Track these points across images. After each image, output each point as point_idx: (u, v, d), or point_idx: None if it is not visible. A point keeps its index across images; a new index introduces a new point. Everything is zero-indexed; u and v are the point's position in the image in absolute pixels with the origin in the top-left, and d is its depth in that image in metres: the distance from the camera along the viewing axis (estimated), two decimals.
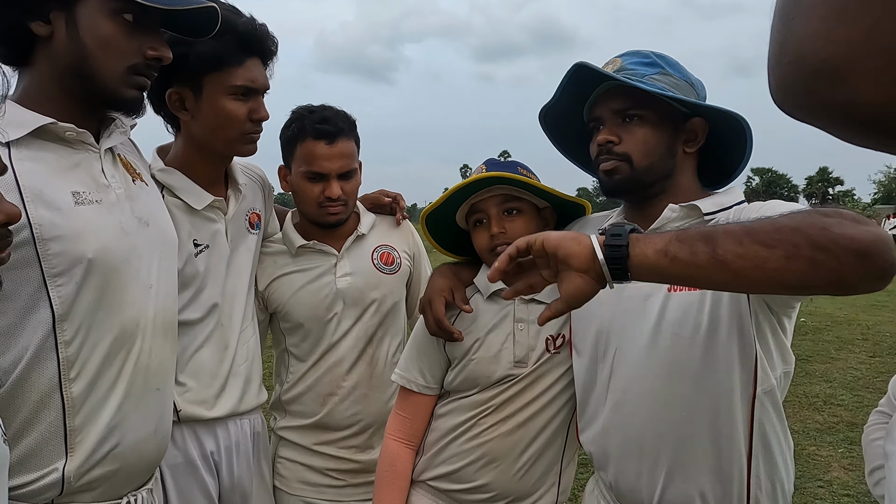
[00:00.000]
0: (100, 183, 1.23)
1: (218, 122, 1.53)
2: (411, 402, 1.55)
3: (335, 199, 1.73)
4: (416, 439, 1.55)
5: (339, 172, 1.73)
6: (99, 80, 1.20)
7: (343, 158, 1.73)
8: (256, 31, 1.55)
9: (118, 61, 1.20)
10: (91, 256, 1.15)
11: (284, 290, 1.78)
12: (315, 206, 1.75)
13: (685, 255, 0.92)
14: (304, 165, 1.73)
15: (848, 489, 3.66)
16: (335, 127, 1.72)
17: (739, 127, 1.29)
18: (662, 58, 1.34)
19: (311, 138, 1.71)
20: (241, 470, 1.65)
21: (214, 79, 1.51)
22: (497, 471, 1.44)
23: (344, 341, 1.79)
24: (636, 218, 1.37)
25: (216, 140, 1.56)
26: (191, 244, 1.55)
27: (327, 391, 1.78)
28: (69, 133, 1.19)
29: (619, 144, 1.30)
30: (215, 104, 1.52)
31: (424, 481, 1.52)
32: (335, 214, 1.76)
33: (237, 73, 1.52)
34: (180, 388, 1.53)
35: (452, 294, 1.51)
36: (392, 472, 1.53)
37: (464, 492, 1.47)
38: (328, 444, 1.81)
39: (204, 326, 1.57)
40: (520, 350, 1.44)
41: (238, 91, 1.52)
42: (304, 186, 1.74)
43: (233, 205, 1.66)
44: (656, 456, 1.24)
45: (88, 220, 1.17)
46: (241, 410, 1.64)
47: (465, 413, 1.48)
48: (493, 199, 1.46)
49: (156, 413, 1.30)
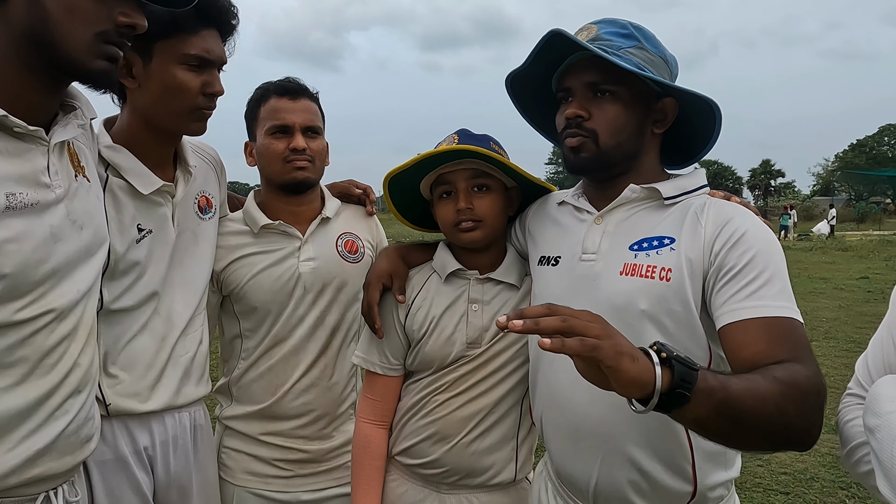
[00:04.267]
0: (40, 182, 1.10)
1: (167, 92, 1.44)
2: (378, 385, 1.54)
3: (301, 150, 1.69)
4: (387, 419, 1.55)
5: (304, 125, 1.70)
6: (62, 49, 1.06)
7: (307, 112, 1.72)
8: (218, 2, 1.47)
9: (85, 28, 1.07)
10: (9, 272, 1.04)
11: (243, 272, 1.72)
12: (280, 163, 1.70)
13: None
14: (268, 122, 1.70)
15: (785, 467, 3.83)
16: (298, 85, 1.74)
17: (709, 111, 1.25)
18: (640, 30, 1.28)
19: (274, 96, 1.72)
20: (178, 465, 1.58)
21: (167, 46, 1.42)
22: (448, 446, 1.45)
23: (300, 328, 1.74)
24: (596, 195, 1.35)
25: (164, 112, 1.47)
26: (134, 229, 1.47)
27: (279, 380, 1.74)
28: (18, 129, 1.06)
29: (588, 120, 1.25)
30: (165, 73, 1.43)
31: (393, 457, 1.55)
32: (302, 169, 1.71)
33: (192, 41, 1.43)
34: (111, 380, 1.46)
35: (392, 280, 1.50)
36: (367, 454, 1.53)
37: (422, 466, 1.49)
38: (276, 435, 1.76)
39: (139, 315, 1.49)
40: (472, 332, 1.44)
41: (191, 60, 1.44)
42: (269, 144, 1.70)
43: (181, 188, 1.57)
44: (593, 441, 1.22)
45: (16, 230, 1.04)
46: (178, 403, 1.56)
47: (422, 392, 1.49)
48: (463, 172, 1.42)
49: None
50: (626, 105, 1.25)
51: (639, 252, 1.21)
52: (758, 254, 1.11)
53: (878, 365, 0.94)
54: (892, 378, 0.86)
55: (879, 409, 0.81)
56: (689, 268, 1.16)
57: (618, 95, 1.25)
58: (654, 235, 1.22)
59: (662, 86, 1.26)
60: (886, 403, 0.81)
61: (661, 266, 1.17)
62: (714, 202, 1.23)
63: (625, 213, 1.29)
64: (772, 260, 1.11)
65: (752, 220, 1.18)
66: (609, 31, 1.26)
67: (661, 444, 1.19)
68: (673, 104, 1.28)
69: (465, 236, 1.44)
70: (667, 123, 1.30)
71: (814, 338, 7.20)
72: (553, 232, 1.40)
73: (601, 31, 1.26)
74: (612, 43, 1.23)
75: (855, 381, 0.98)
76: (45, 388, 1.13)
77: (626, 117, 1.25)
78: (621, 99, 1.25)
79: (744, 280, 1.10)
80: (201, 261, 1.65)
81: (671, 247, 1.19)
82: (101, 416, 1.44)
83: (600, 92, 1.25)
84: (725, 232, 1.15)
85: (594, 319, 0.88)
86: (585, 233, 1.31)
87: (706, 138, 1.30)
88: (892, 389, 0.83)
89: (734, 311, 1.08)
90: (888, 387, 0.84)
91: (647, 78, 1.23)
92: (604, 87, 1.24)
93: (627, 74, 1.21)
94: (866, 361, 0.98)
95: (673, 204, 1.25)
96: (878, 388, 0.85)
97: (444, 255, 1.51)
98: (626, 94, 1.25)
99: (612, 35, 1.25)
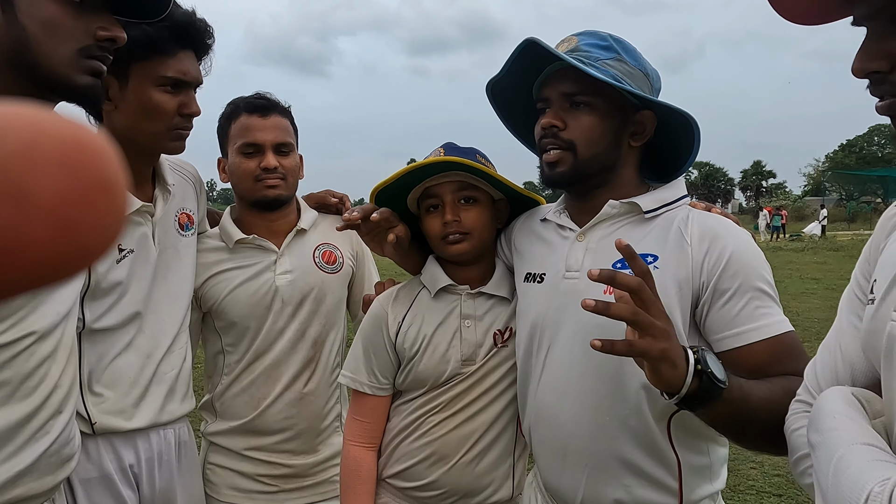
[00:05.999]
0: None
1: (143, 113, 1.44)
2: (367, 405, 1.50)
3: (272, 169, 1.69)
4: (376, 441, 1.51)
5: (274, 143, 1.70)
6: (46, 68, 1.06)
7: (277, 130, 1.71)
8: (195, 24, 1.48)
9: (66, 44, 1.07)
10: None
11: (221, 288, 1.72)
12: (252, 182, 1.70)
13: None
14: (238, 140, 1.70)
15: (778, 469, 3.82)
16: (268, 101, 1.73)
17: (688, 125, 1.25)
18: (620, 42, 1.28)
19: (244, 113, 1.71)
20: (163, 482, 1.58)
21: (143, 68, 1.42)
22: (446, 467, 1.42)
23: (280, 342, 1.73)
24: (577, 210, 1.35)
25: (141, 133, 1.47)
26: (114, 249, 1.47)
27: (261, 394, 1.73)
28: None
29: (565, 130, 1.26)
30: (142, 95, 1.43)
31: (385, 479, 1.51)
32: (273, 188, 1.71)
33: (168, 63, 1.43)
34: (95, 398, 1.46)
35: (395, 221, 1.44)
36: (357, 478, 1.48)
37: (418, 489, 1.45)
38: (259, 450, 1.76)
39: (123, 334, 1.50)
40: (466, 348, 1.42)
41: (167, 83, 1.44)
42: (241, 163, 1.71)
43: (160, 206, 1.58)
44: (579, 457, 1.23)
45: None
46: (163, 421, 1.56)
47: (415, 412, 1.45)
48: (449, 184, 1.41)
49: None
50: (603, 116, 1.25)
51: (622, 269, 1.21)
52: (749, 273, 1.15)
53: (826, 372, 0.93)
54: (836, 391, 0.84)
55: (821, 426, 0.79)
56: (675, 287, 1.17)
57: (594, 106, 1.25)
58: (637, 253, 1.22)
59: (640, 98, 1.25)
60: (828, 419, 0.79)
61: None
62: (696, 215, 1.23)
63: (606, 230, 1.29)
64: (761, 276, 1.16)
65: (736, 235, 1.19)
66: (588, 42, 1.26)
67: (647, 462, 1.19)
68: (651, 117, 1.28)
69: (452, 248, 1.42)
70: (645, 136, 1.29)
71: (806, 338, 7.20)
72: (538, 248, 1.40)
73: (581, 42, 1.26)
74: (590, 54, 1.24)
75: (804, 387, 0.97)
76: (27, 409, 1.13)
77: (601, 128, 1.25)
78: (597, 110, 1.25)
79: (741, 302, 1.14)
80: (185, 278, 1.65)
81: (654, 265, 1.19)
82: (86, 435, 1.45)
83: (576, 103, 1.25)
84: (714, 251, 1.17)
85: (659, 316, 0.95)
86: (568, 250, 1.30)
87: (689, 151, 1.31)
88: (834, 404, 0.81)
89: (739, 335, 1.14)
90: (831, 401, 0.81)
91: (622, 89, 1.23)
92: (579, 98, 1.25)
93: (604, 86, 1.21)
94: (815, 369, 0.96)
95: (654, 217, 1.26)
96: (821, 401, 0.83)
97: (434, 269, 1.49)
98: (603, 105, 1.25)
99: (591, 46, 1.25)
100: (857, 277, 0.94)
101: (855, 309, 0.92)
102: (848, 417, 0.78)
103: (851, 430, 0.76)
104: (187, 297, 1.65)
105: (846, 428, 0.76)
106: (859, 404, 0.81)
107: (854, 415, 0.78)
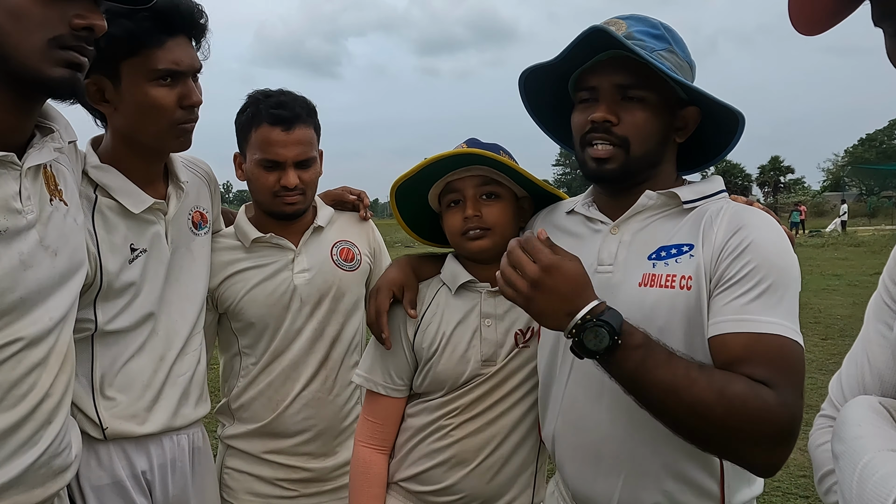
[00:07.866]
0: (11, 208, 1.05)
1: (142, 111, 1.38)
2: (380, 406, 1.47)
3: (292, 188, 1.64)
4: (388, 443, 1.48)
5: (296, 160, 1.65)
6: (15, 59, 1.00)
7: (300, 146, 1.64)
8: (179, 7, 1.38)
9: (35, 34, 1.00)
10: None
11: (238, 288, 1.69)
12: (270, 196, 1.67)
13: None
14: (258, 153, 1.64)
15: (804, 470, 3.74)
16: (292, 112, 1.63)
17: (730, 121, 1.19)
18: (670, 31, 1.20)
19: (266, 124, 1.62)
20: (177, 489, 1.54)
21: (133, 64, 1.35)
22: (466, 471, 1.38)
23: (298, 342, 1.70)
24: (608, 203, 1.29)
25: (144, 132, 1.42)
26: (127, 249, 1.44)
27: (280, 395, 1.70)
28: None
29: (618, 125, 1.17)
30: (137, 92, 1.37)
31: (397, 482, 1.47)
32: (292, 205, 1.67)
33: (158, 55, 1.35)
34: (107, 402, 1.42)
35: (403, 291, 1.45)
36: (366, 480, 1.45)
37: (433, 493, 1.41)
38: (278, 453, 1.72)
39: (136, 336, 1.46)
40: (487, 348, 1.38)
41: (161, 76, 1.37)
42: (259, 175, 1.66)
43: (174, 204, 1.54)
44: (614, 461, 1.17)
45: None
46: (176, 425, 1.52)
47: (433, 413, 1.42)
48: (472, 179, 1.38)
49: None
50: (655, 112, 1.18)
51: (657, 262, 1.16)
52: (760, 265, 1.06)
53: (853, 384, 0.87)
54: (862, 399, 0.79)
55: (845, 435, 0.74)
56: (704, 272, 1.11)
57: (647, 101, 1.17)
58: (673, 243, 1.17)
59: (689, 93, 1.18)
60: (852, 428, 0.74)
61: (682, 274, 1.12)
62: (731, 207, 1.17)
63: (641, 222, 1.23)
64: (774, 272, 1.06)
65: (767, 229, 1.11)
66: (640, 29, 1.17)
67: (688, 464, 1.13)
68: (696, 113, 1.22)
69: (472, 245, 1.38)
70: (687, 132, 1.24)
71: (829, 335, 7.08)
72: (565, 242, 1.33)
73: (631, 28, 1.17)
74: (645, 44, 1.15)
75: (828, 401, 0.91)
76: (13, 419, 1.08)
77: (653, 124, 1.18)
78: (650, 105, 1.17)
79: (737, 292, 1.06)
80: (198, 277, 1.62)
81: (690, 254, 1.13)
82: (97, 440, 1.42)
83: (629, 97, 1.17)
84: (734, 240, 1.09)
85: (529, 271, 1.03)
86: (601, 243, 1.25)
87: (718, 146, 1.25)
88: (859, 412, 0.75)
89: (718, 323, 1.05)
90: (855, 410, 0.76)
91: (686, 86, 1.16)
92: (634, 92, 1.17)
93: (658, 79, 1.14)
94: (840, 381, 0.90)
95: (690, 209, 1.20)
96: (846, 410, 0.78)
97: (454, 266, 1.45)
98: (656, 100, 1.17)
99: (644, 35, 1.16)
100: (885, 283, 0.88)
101: (883, 317, 0.87)
102: (873, 425, 0.73)
103: (878, 437, 0.71)
104: (201, 298, 1.62)
105: (872, 435, 0.72)
106: (888, 413, 0.76)
107: (880, 422, 0.74)
